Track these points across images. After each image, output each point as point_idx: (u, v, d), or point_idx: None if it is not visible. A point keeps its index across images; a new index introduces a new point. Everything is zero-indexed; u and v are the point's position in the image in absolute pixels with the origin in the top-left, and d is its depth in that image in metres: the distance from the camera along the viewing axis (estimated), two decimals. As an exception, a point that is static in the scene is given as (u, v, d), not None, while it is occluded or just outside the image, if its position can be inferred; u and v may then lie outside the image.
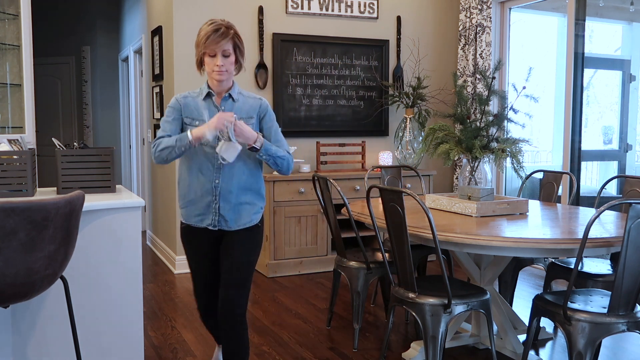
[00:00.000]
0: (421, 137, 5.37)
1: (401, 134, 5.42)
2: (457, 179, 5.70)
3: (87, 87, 8.21)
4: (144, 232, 6.53)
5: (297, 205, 4.91)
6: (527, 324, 3.07)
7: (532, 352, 3.21)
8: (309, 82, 5.31)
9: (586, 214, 3.23)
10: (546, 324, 3.62)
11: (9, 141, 2.96)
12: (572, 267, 3.21)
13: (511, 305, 3.70)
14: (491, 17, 5.42)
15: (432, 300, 2.65)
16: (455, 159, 4.31)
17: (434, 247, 2.58)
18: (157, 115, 5.64)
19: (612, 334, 2.42)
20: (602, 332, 2.41)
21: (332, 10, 5.35)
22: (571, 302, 2.55)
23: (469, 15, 5.58)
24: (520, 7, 5.57)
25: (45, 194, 2.86)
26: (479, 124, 3.25)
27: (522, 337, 3.35)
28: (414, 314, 2.70)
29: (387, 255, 3.38)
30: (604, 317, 2.40)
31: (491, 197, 3.17)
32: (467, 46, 5.61)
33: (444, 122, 3.44)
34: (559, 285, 3.69)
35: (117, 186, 3.13)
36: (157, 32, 5.46)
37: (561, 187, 4.07)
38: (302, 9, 5.25)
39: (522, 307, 4.04)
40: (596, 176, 6.51)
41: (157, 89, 5.62)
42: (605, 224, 2.82)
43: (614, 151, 6.15)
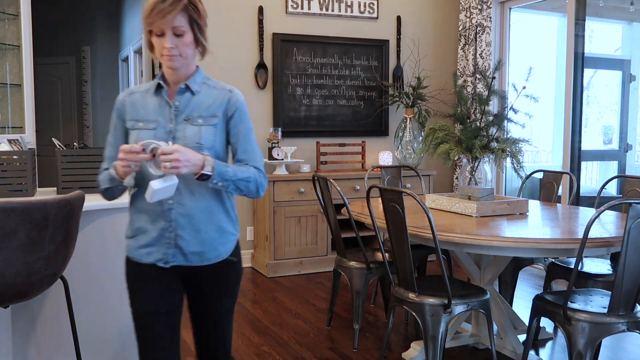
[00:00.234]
0: (421, 137, 5.37)
1: (401, 134, 5.42)
2: (457, 179, 5.70)
3: (87, 87, 8.21)
4: (144, 232, 6.52)
5: (297, 205, 4.91)
6: (527, 324, 3.07)
7: (532, 352, 3.21)
8: (309, 82, 5.31)
9: (586, 214, 3.23)
10: (546, 324, 3.62)
11: (9, 141, 2.96)
12: (572, 267, 3.21)
13: (511, 305, 3.70)
14: (491, 17, 5.42)
15: (432, 300, 2.65)
16: (455, 159, 4.31)
17: (434, 247, 2.58)
18: (157, 115, 5.63)
19: (612, 334, 2.42)
20: (602, 332, 2.41)
21: (332, 10, 5.35)
22: (571, 302, 2.55)
23: (469, 15, 5.58)
24: (520, 7, 5.57)
25: (45, 194, 2.86)
26: (479, 124, 3.25)
27: (522, 337, 3.34)
28: (414, 314, 2.70)
29: (387, 255, 3.38)
30: (604, 317, 2.40)
31: (491, 197, 3.17)
32: (467, 46, 5.61)
33: (444, 122, 3.44)
34: (559, 285, 3.69)
35: (117, 186, 3.13)
36: (157, 32, 5.45)
37: (561, 187, 4.07)
38: (302, 9, 5.25)
39: (522, 307, 4.04)
40: (596, 176, 6.51)
41: (157, 89, 5.61)
42: (605, 224, 2.82)
43: (614, 151, 6.15)
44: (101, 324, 2.69)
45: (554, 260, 3.42)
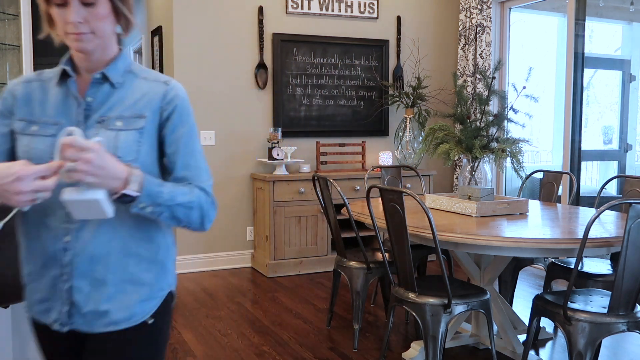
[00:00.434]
0: (421, 137, 5.37)
1: (401, 134, 5.42)
2: (457, 179, 5.70)
3: (87, 87, 8.20)
4: (144, 232, 6.53)
5: (297, 205, 4.91)
6: (527, 324, 3.07)
7: (532, 352, 3.21)
8: (309, 82, 5.31)
9: (586, 214, 3.23)
10: (546, 324, 3.62)
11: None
12: (572, 267, 3.21)
13: (511, 305, 3.70)
14: (491, 17, 5.42)
15: (432, 300, 2.65)
16: (455, 159, 4.31)
17: (434, 247, 2.58)
18: (157, 115, 5.64)
19: (612, 334, 2.42)
20: (602, 332, 2.41)
21: (332, 10, 5.35)
22: (571, 302, 2.55)
23: (469, 15, 5.58)
24: (520, 7, 5.57)
25: (45, 194, 2.85)
26: (479, 124, 3.25)
27: (522, 337, 3.34)
28: (414, 314, 2.70)
29: (387, 255, 3.38)
30: (604, 317, 2.40)
31: (491, 197, 3.17)
32: (467, 46, 5.61)
33: (444, 122, 3.44)
34: (559, 285, 3.69)
35: (117, 186, 3.12)
36: (157, 32, 5.46)
37: (561, 187, 4.07)
38: (302, 9, 5.25)
39: (522, 307, 4.04)
40: (596, 176, 6.52)
41: (157, 89, 5.61)
42: (605, 224, 2.82)
43: (614, 151, 6.16)
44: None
45: (554, 260, 3.42)
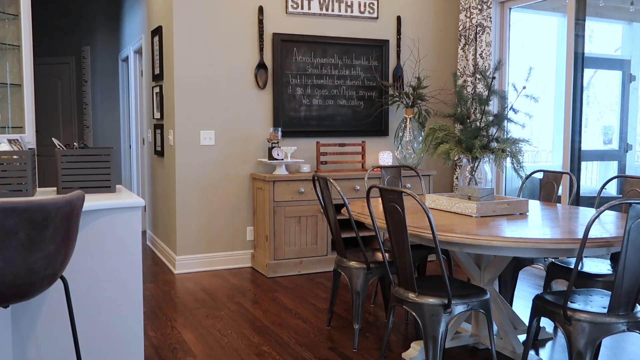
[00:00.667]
0: (421, 137, 5.37)
1: (401, 134, 5.42)
2: (457, 179, 5.70)
3: (87, 87, 8.21)
4: (144, 232, 6.53)
5: (297, 205, 4.91)
6: (527, 324, 3.07)
7: (532, 352, 3.21)
8: (309, 82, 5.31)
9: (586, 214, 3.23)
10: (546, 324, 3.62)
11: (9, 141, 2.96)
12: (572, 267, 3.21)
13: (511, 305, 3.70)
14: (491, 17, 5.42)
15: (432, 300, 2.65)
16: (455, 159, 4.31)
17: (434, 247, 2.58)
18: (157, 115, 5.64)
19: (612, 334, 2.42)
20: (602, 332, 2.41)
21: (332, 10, 5.35)
22: (571, 302, 2.55)
23: (469, 15, 5.58)
24: (520, 7, 5.57)
25: (45, 194, 2.86)
26: (479, 124, 3.25)
27: (522, 337, 3.35)
28: (414, 314, 2.70)
29: (387, 255, 3.38)
30: (604, 317, 2.40)
31: (491, 197, 3.17)
32: (467, 46, 5.61)
33: (444, 122, 3.44)
34: (559, 285, 3.69)
35: (117, 186, 3.13)
36: (157, 32, 5.46)
37: (561, 187, 4.07)
38: (302, 9, 5.25)
39: (522, 307, 4.04)
40: (596, 176, 6.51)
41: (157, 89, 5.62)
42: (605, 224, 2.82)
43: (614, 151, 6.15)
44: (101, 324, 2.69)
45: (554, 260, 3.42)
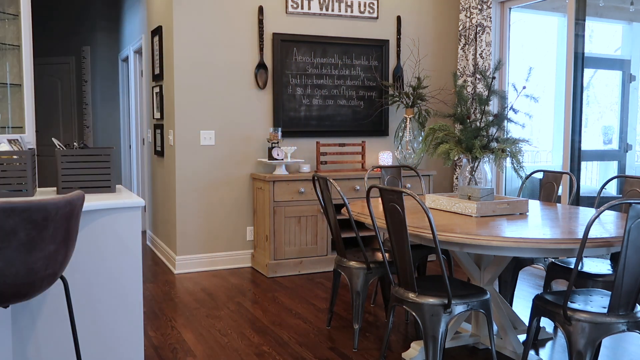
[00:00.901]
0: (421, 137, 5.37)
1: (401, 134, 5.42)
2: (457, 179, 5.70)
3: (87, 87, 8.21)
4: (144, 232, 6.53)
5: (297, 205, 4.91)
6: (527, 324, 3.07)
7: (532, 352, 3.21)
8: (309, 82, 5.31)
9: (586, 214, 3.23)
10: (546, 324, 3.62)
11: (9, 141, 2.96)
12: (572, 267, 3.21)
13: (511, 305, 3.70)
14: (491, 17, 5.42)
15: (432, 300, 2.65)
16: (455, 159, 4.31)
17: (434, 247, 2.58)
18: (157, 115, 5.64)
19: (612, 334, 2.42)
20: (602, 332, 2.40)
21: (332, 10, 5.35)
22: (571, 302, 2.55)
23: (469, 15, 5.58)
24: (520, 7, 5.57)
25: (45, 194, 2.86)
26: (479, 124, 3.25)
27: (522, 337, 3.35)
28: (414, 314, 2.70)
29: (387, 255, 3.38)
30: (604, 317, 2.40)
31: (491, 197, 3.17)
32: (467, 46, 5.61)
33: (444, 122, 3.44)
34: (559, 285, 3.69)
35: (117, 186, 3.13)
36: (157, 32, 5.46)
37: (561, 187, 4.07)
38: (302, 9, 5.25)
39: (522, 307, 4.04)
40: (596, 176, 6.51)
41: (157, 89, 5.62)
42: (605, 224, 2.82)
43: (614, 151, 6.15)
44: (101, 324, 2.69)
45: (554, 260, 3.42)
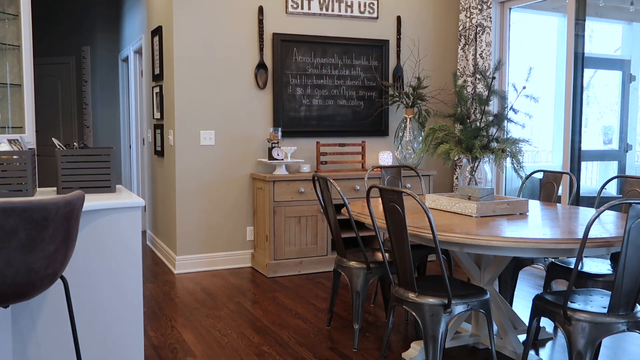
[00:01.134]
0: (421, 137, 5.37)
1: (401, 134, 5.42)
2: (457, 179, 5.70)
3: (87, 87, 8.21)
4: (144, 232, 6.53)
5: (297, 205, 4.91)
6: (527, 324, 3.07)
7: (532, 352, 3.21)
8: (309, 82, 5.31)
9: (586, 214, 3.23)
10: (546, 324, 3.62)
11: (9, 141, 2.96)
12: (572, 267, 3.21)
13: (511, 305, 3.70)
14: (491, 17, 5.42)
15: (432, 300, 2.65)
16: (455, 159, 4.31)
17: (434, 247, 2.58)
18: (157, 115, 5.64)
19: (612, 334, 2.42)
20: (602, 332, 2.40)
21: (332, 10, 5.35)
22: (571, 302, 2.55)
23: (469, 15, 5.58)
24: (520, 7, 5.57)
25: (45, 194, 2.86)
26: (479, 124, 3.25)
27: (522, 337, 3.35)
28: (414, 314, 2.70)
29: (387, 255, 3.38)
30: (604, 317, 2.40)
31: (491, 197, 3.17)
32: (467, 46, 5.60)
33: (444, 122, 3.44)
34: (559, 285, 3.69)
35: (117, 186, 3.13)
36: (157, 32, 5.46)
37: (561, 187, 4.07)
38: (302, 9, 5.25)
39: (522, 307, 4.04)
40: (596, 176, 6.51)
41: (157, 89, 5.62)
42: (605, 224, 2.82)
43: (614, 151, 6.15)
44: (101, 324, 2.69)
45: (554, 260, 3.42)
